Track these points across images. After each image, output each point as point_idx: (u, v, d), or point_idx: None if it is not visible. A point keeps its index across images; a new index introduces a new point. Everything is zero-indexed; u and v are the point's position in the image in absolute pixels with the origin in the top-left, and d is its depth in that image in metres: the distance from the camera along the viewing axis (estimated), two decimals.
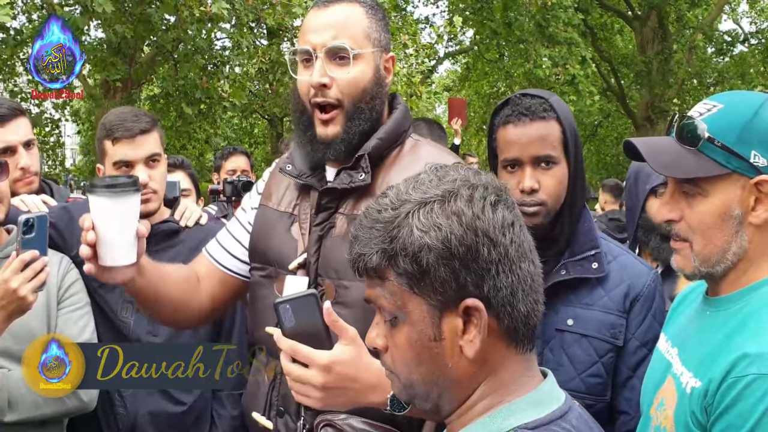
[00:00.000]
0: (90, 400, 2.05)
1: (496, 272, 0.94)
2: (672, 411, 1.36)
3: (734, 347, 1.25)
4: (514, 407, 0.96)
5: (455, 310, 0.95)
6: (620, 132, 22.31)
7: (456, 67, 22.83)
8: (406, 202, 0.96)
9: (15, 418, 1.94)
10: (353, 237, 1.02)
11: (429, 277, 0.94)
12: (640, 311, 1.80)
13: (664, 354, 1.51)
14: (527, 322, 0.97)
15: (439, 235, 0.92)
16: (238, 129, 18.03)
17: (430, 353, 0.97)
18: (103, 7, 6.93)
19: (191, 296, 1.82)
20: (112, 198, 1.48)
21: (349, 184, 1.61)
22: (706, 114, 1.35)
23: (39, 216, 1.77)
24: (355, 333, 1.33)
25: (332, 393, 1.32)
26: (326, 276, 1.61)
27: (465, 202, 0.94)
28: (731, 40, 19.86)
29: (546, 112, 1.78)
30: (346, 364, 1.31)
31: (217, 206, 4.48)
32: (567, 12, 12.25)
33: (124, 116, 2.20)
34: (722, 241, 1.33)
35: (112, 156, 2.19)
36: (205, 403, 2.35)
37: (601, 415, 1.82)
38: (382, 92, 1.67)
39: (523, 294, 0.96)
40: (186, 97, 10.05)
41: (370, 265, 0.98)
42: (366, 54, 1.62)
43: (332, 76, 1.60)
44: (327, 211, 1.65)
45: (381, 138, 1.65)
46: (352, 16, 1.63)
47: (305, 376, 1.31)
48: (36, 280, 1.78)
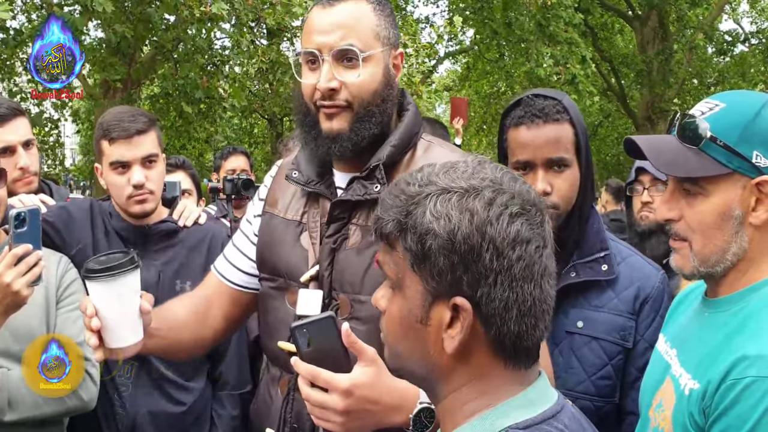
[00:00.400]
0: (90, 399, 2.04)
1: (494, 282, 0.92)
2: (670, 412, 1.36)
3: (733, 348, 1.24)
4: (505, 409, 0.96)
5: (446, 302, 0.95)
6: (621, 132, 22.28)
7: (456, 67, 22.83)
8: (432, 184, 0.96)
9: (15, 418, 1.93)
10: (381, 198, 1.02)
11: (429, 262, 0.94)
12: (649, 313, 1.80)
13: (663, 355, 1.50)
14: (517, 341, 0.96)
15: (447, 226, 0.92)
16: (238, 129, 18.02)
17: (415, 333, 0.98)
18: (102, 7, 6.93)
19: (203, 329, 1.77)
20: (110, 282, 1.43)
21: (363, 196, 1.55)
22: (708, 113, 1.34)
23: (30, 210, 1.76)
24: (374, 353, 1.29)
25: (354, 416, 1.28)
26: (341, 290, 1.56)
27: (483, 204, 0.93)
28: (732, 39, 19.84)
29: (559, 114, 1.76)
30: (367, 387, 1.27)
31: (217, 206, 4.48)
32: (567, 11, 12.24)
33: (121, 116, 2.19)
34: (722, 241, 1.32)
35: (109, 156, 2.18)
36: (205, 403, 2.35)
37: (609, 416, 1.82)
38: (392, 93, 1.60)
39: (519, 314, 0.94)
40: (186, 96, 10.04)
41: (385, 231, 0.99)
42: (376, 54, 1.54)
43: (341, 80, 1.52)
44: (339, 221, 1.58)
45: (394, 145, 1.58)
46: (360, 14, 1.54)
47: (326, 401, 1.27)
48: (30, 275, 1.76)
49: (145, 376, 2.23)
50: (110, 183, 2.21)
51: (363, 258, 1.54)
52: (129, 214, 2.24)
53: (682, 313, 1.56)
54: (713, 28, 18.64)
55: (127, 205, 2.21)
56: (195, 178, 3.73)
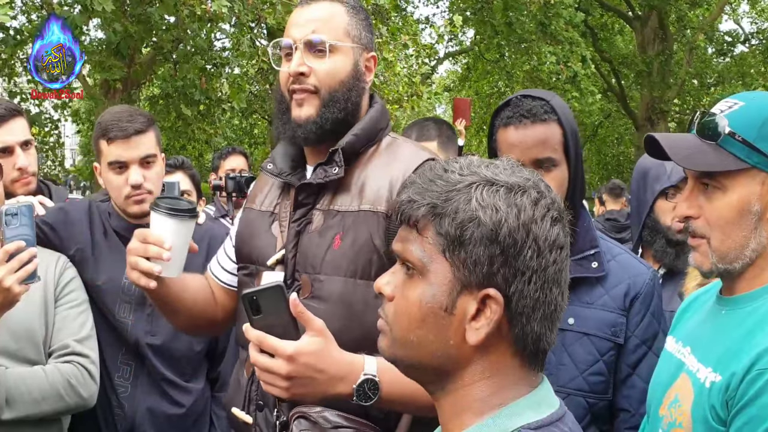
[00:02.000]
0: (90, 396, 2.05)
1: (529, 279, 0.93)
2: (689, 406, 1.35)
3: (757, 342, 1.24)
4: (517, 408, 0.96)
5: (475, 293, 0.94)
6: (621, 132, 22.29)
7: (456, 67, 22.83)
8: (475, 174, 0.96)
9: (13, 416, 1.93)
10: (410, 182, 1.00)
11: (465, 250, 0.93)
12: (639, 309, 1.81)
13: (675, 354, 1.50)
14: (536, 342, 0.96)
15: (495, 217, 0.92)
16: (238, 129, 18.03)
17: (436, 321, 0.96)
18: (103, 6, 6.92)
19: (208, 307, 1.86)
20: (185, 221, 1.69)
21: (323, 179, 1.63)
22: (727, 110, 1.36)
23: (23, 206, 1.75)
24: (322, 324, 1.37)
25: (298, 383, 1.35)
26: (303, 271, 1.62)
27: (531, 202, 0.94)
28: (732, 40, 19.87)
29: (547, 114, 1.78)
30: (312, 355, 1.34)
31: (216, 206, 4.47)
32: (568, 10, 12.25)
33: (120, 116, 2.19)
34: (740, 237, 1.33)
35: (107, 156, 2.18)
36: (204, 404, 2.35)
37: (602, 414, 1.83)
38: (359, 86, 1.69)
39: (542, 315, 0.95)
40: (185, 98, 10.03)
41: (415, 214, 0.96)
42: (344, 48, 1.67)
43: (310, 66, 1.64)
44: (304, 207, 1.67)
45: (356, 134, 1.67)
46: (333, 12, 1.68)
47: (271, 365, 1.34)
48: (23, 271, 1.76)
49: (144, 377, 2.23)
50: (108, 183, 2.22)
51: (324, 240, 1.61)
52: (127, 214, 2.24)
53: (693, 314, 1.56)
54: (713, 29, 18.66)
55: (125, 205, 2.21)
56: (194, 179, 3.72)
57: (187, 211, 1.70)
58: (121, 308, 2.22)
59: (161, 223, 1.68)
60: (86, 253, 2.22)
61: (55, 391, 1.98)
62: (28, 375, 1.97)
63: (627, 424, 1.79)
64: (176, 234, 1.68)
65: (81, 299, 2.15)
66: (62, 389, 1.99)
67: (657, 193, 2.50)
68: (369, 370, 1.40)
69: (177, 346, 2.26)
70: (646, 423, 1.59)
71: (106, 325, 2.21)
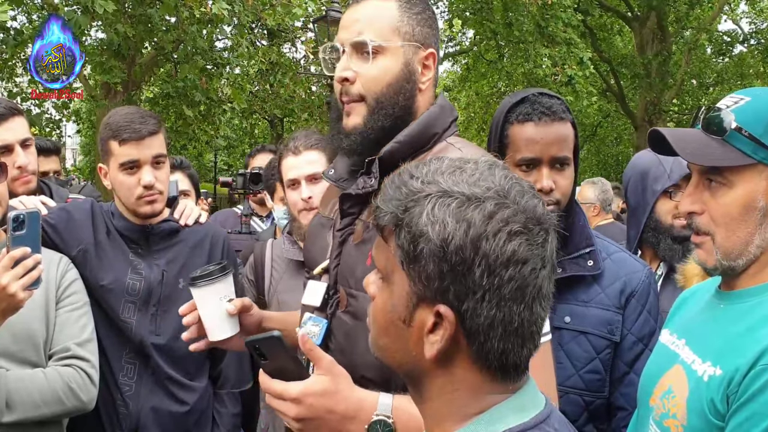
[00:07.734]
0: (89, 400, 2.04)
1: (481, 298, 0.89)
2: (684, 398, 1.34)
3: (760, 338, 1.24)
4: (498, 414, 0.94)
5: (430, 307, 0.91)
6: (620, 132, 22.31)
7: (456, 68, 22.83)
8: (434, 183, 0.92)
9: (13, 419, 1.93)
10: (384, 186, 0.98)
11: (418, 264, 0.90)
12: (635, 307, 1.82)
13: (669, 346, 1.49)
14: (502, 359, 0.92)
15: (442, 233, 0.88)
16: (239, 129, 18.04)
17: (397, 331, 0.96)
18: (104, 8, 6.91)
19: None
20: (202, 287, 1.73)
21: (361, 190, 1.56)
22: (734, 105, 1.35)
23: (30, 212, 1.75)
24: (331, 362, 1.30)
25: (309, 424, 1.29)
26: (341, 283, 1.57)
27: (483, 216, 0.88)
28: (730, 40, 19.87)
29: (564, 114, 1.80)
30: (318, 395, 1.28)
31: (244, 205, 4.45)
32: (567, 12, 12.26)
33: (132, 117, 2.20)
34: (745, 233, 1.32)
35: (119, 156, 2.18)
36: (207, 401, 2.36)
37: (599, 412, 1.83)
38: (409, 88, 1.57)
39: (504, 333, 0.90)
40: (185, 98, 10.03)
41: (381, 222, 0.95)
42: (391, 48, 1.54)
43: (356, 71, 1.55)
44: (350, 216, 1.60)
45: (399, 141, 1.55)
46: (380, 10, 1.57)
47: (280, 408, 1.30)
48: (27, 278, 1.76)
49: (148, 375, 2.23)
50: (119, 183, 2.22)
51: (360, 253, 1.54)
52: (137, 214, 2.24)
53: (689, 308, 1.56)
54: (712, 29, 18.66)
55: (137, 206, 2.22)
56: (193, 179, 3.72)
57: (198, 278, 1.73)
58: (125, 308, 2.22)
59: (204, 294, 1.73)
60: (89, 254, 2.22)
61: (55, 395, 1.97)
62: (29, 378, 1.97)
63: (624, 422, 1.78)
64: (202, 299, 1.73)
65: (82, 302, 2.14)
66: (62, 393, 1.98)
67: (658, 194, 2.47)
68: (382, 410, 1.32)
69: (181, 346, 2.25)
70: (636, 414, 1.58)
71: (110, 324, 2.22)
